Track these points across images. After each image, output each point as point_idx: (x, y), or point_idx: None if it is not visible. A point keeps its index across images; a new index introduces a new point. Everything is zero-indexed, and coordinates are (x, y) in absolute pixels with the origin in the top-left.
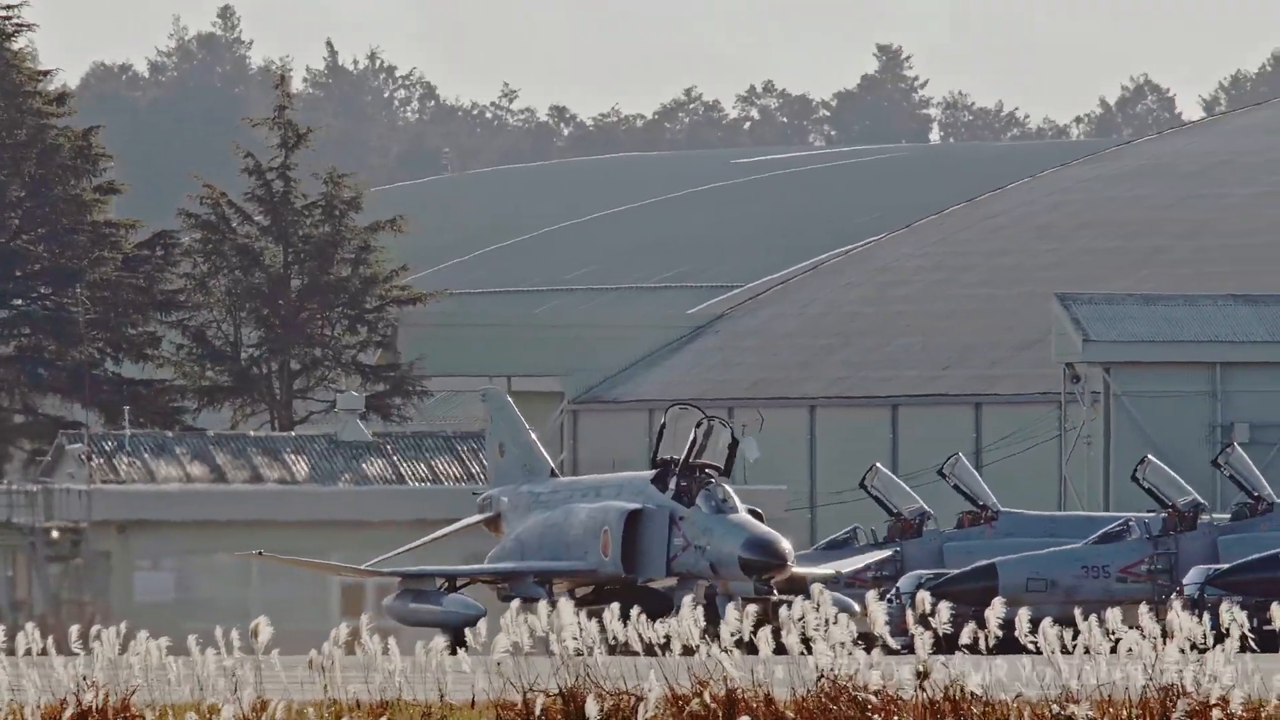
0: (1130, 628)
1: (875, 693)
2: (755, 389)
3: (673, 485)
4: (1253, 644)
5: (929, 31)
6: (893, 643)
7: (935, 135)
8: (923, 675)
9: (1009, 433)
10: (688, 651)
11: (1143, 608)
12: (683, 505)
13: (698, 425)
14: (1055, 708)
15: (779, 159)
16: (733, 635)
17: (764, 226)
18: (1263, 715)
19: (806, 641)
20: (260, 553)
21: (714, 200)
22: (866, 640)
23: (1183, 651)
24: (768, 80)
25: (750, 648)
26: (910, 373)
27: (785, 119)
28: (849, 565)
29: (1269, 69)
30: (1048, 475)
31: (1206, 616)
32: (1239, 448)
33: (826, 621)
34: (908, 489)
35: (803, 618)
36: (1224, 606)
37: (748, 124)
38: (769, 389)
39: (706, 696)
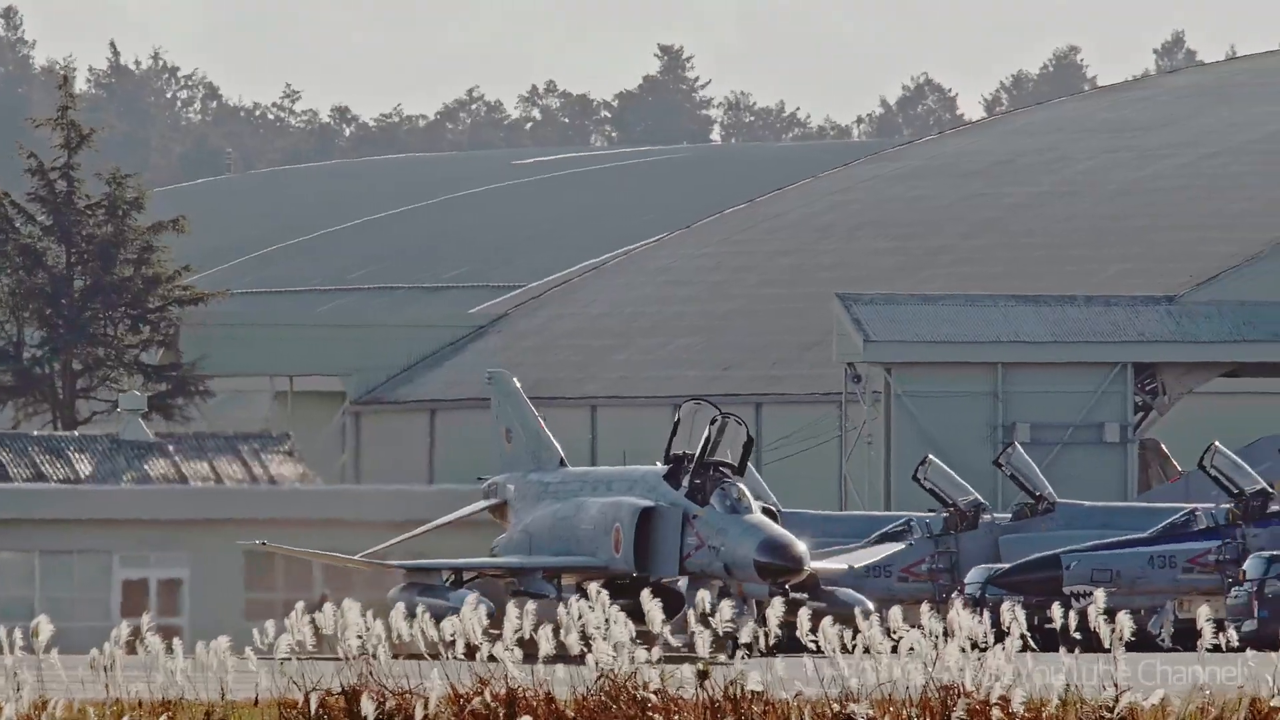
0: (911, 627)
1: (655, 692)
2: (537, 389)
3: (686, 483)
4: (1032, 644)
5: (710, 32)
6: (674, 641)
7: (716, 136)
8: (703, 675)
9: (790, 432)
10: (471, 651)
11: (924, 607)
12: (696, 504)
13: (712, 422)
14: (836, 706)
15: (560, 159)
16: (515, 634)
17: (546, 227)
18: (1043, 715)
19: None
20: (264, 543)
21: (496, 201)
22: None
23: (963, 651)
24: (549, 80)
25: (531, 646)
26: (691, 373)
27: (567, 119)
28: (862, 560)
29: (1050, 69)
30: (828, 475)
31: (987, 616)
32: (1020, 448)
33: (607, 622)
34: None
35: (581, 617)
36: (1005, 606)
37: (529, 124)
38: (551, 389)
39: (487, 695)
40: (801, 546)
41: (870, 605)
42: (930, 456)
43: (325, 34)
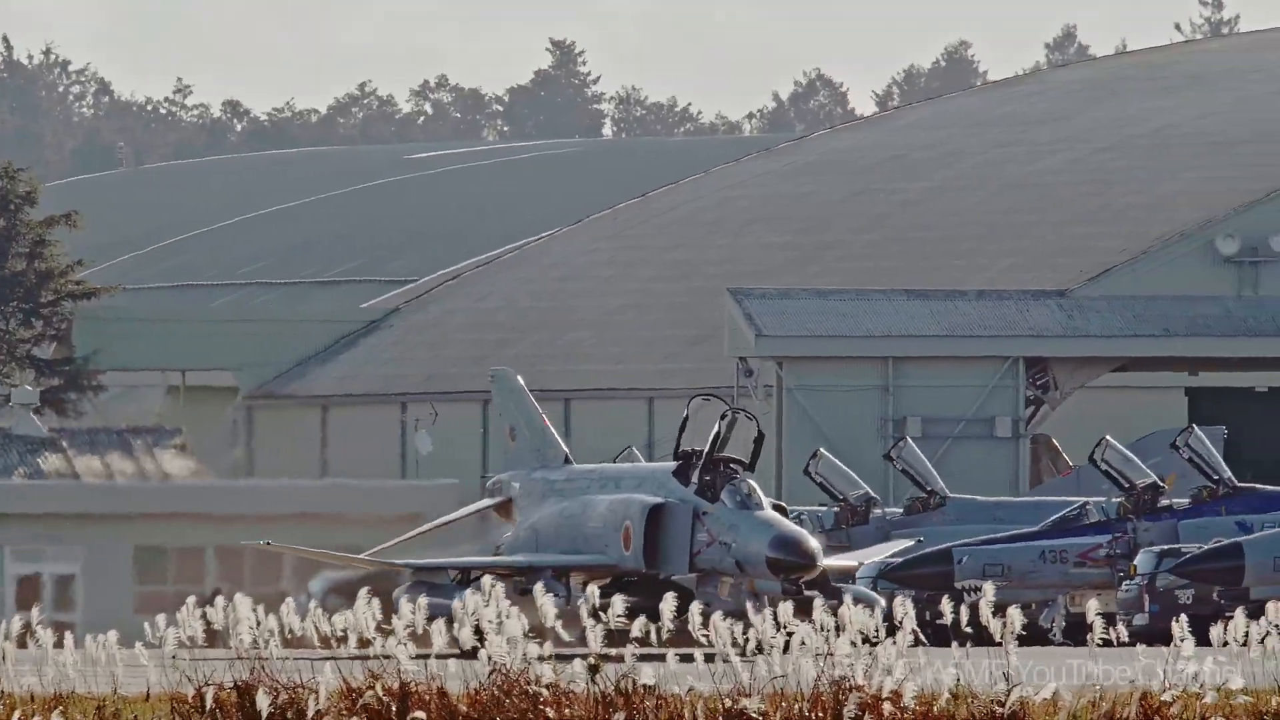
0: (802, 621)
1: (547, 686)
2: (429, 384)
3: (695, 479)
4: (923, 638)
5: (603, 27)
6: (565, 635)
7: (608, 131)
8: (594, 669)
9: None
10: (364, 644)
11: (817, 601)
12: (706, 500)
13: (722, 417)
14: (728, 702)
15: (452, 154)
16: (406, 628)
17: (438, 221)
18: (934, 709)
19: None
20: (268, 543)
21: (388, 195)
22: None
23: (854, 645)
24: (441, 75)
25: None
26: (583, 367)
27: (459, 114)
28: (872, 556)
29: (941, 64)
30: None
31: (878, 610)
32: (911, 442)
33: (500, 614)
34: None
35: (476, 611)
36: (896, 600)
37: (421, 119)
38: (442, 383)
39: (379, 689)
40: (814, 543)
41: (883, 602)
42: (821, 451)
43: (217, 29)
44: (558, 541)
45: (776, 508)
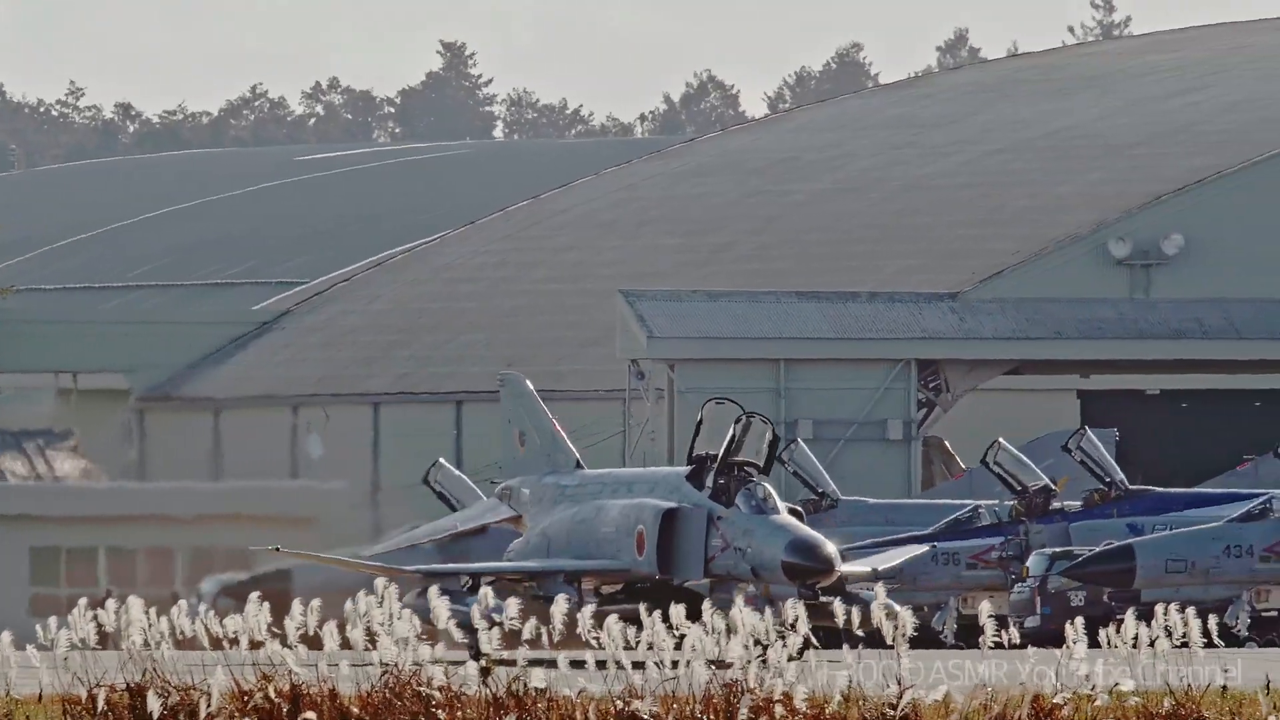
0: (694, 623)
1: (439, 689)
2: (320, 385)
3: (710, 483)
4: (814, 641)
5: (494, 29)
6: (458, 637)
7: (500, 133)
8: (485, 671)
9: (573, 429)
10: (255, 646)
11: (706, 603)
12: (721, 505)
13: (736, 421)
14: (619, 704)
15: (344, 156)
16: (298, 629)
17: (329, 223)
18: (826, 712)
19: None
20: (277, 548)
21: (279, 197)
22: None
23: (746, 648)
24: (333, 77)
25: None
26: (475, 369)
27: (350, 116)
28: (887, 562)
29: (833, 66)
30: None
31: (769, 612)
32: (802, 444)
33: (391, 617)
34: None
35: (367, 613)
36: (788, 603)
37: (313, 121)
38: (334, 385)
39: (270, 691)
40: (831, 547)
41: (898, 608)
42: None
43: (109, 31)
44: (570, 547)
45: (793, 512)
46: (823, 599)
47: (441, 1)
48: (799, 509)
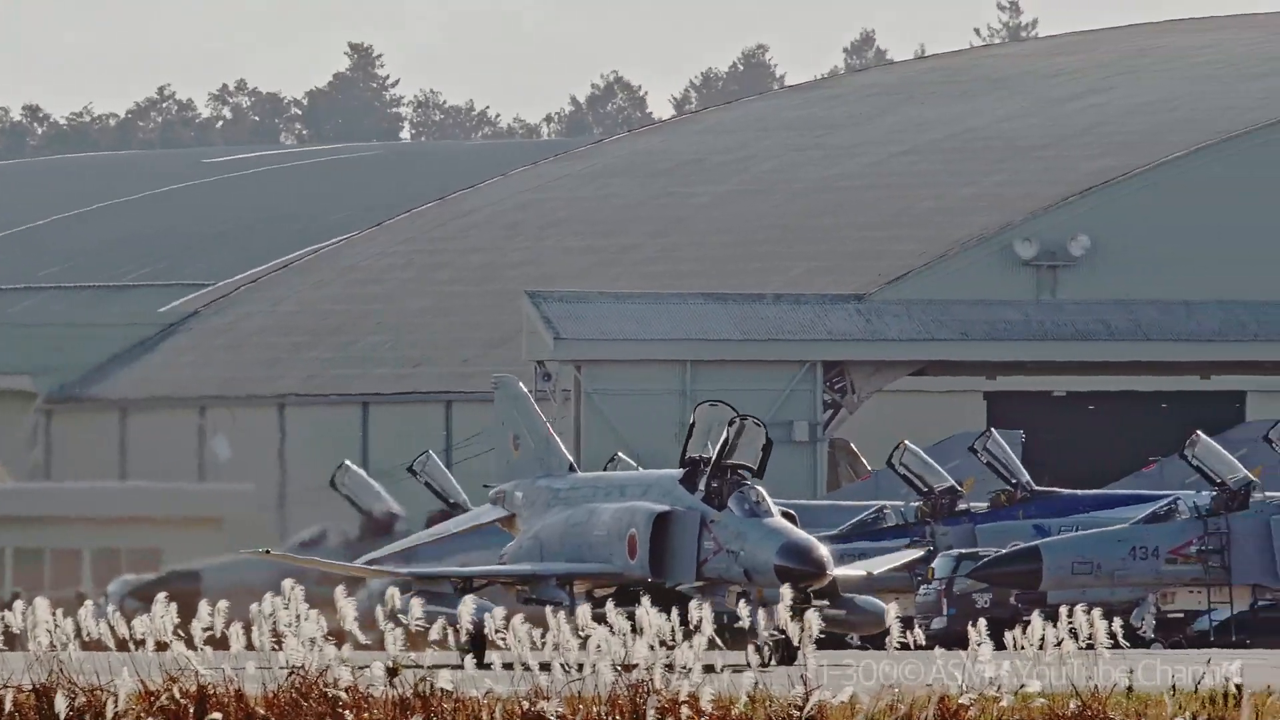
0: (599, 623)
1: (346, 689)
2: (227, 387)
3: (702, 486)
4: (720, 641)
5: (401, 30)
6: (363, 638)
7: (407, 134)
8: (392, 672)
9: (479, 430)
10: (162, 647)
11: (609, 604)
12: (713, 508)
13: (729, 424)
14: (526, 705)
15: (250, 158)
16: (205, 630)
17: (235, 225)
18: (732, 713)
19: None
20: (267, 551)
21: (186, 199)
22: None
23: (652, 648)
24: (240, 79)
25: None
26: (381, 370)
27: (257, 118)
28: (881, 566)
29: (740, 68)
30: None
31: (675, 612)
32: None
33: (299, 617)
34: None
35: (273, 613)
36: (694, 603)
37: (220, 123)
38: (239, 387)
39: (176, 692)
40: (824, 550)
41: (892, 612)
42: (619, 454)
43: (15, 32)
44: (562, 550)
45: (786, 515)
46: (815, 602)
47: (348, 3)
48: (792, 512)
